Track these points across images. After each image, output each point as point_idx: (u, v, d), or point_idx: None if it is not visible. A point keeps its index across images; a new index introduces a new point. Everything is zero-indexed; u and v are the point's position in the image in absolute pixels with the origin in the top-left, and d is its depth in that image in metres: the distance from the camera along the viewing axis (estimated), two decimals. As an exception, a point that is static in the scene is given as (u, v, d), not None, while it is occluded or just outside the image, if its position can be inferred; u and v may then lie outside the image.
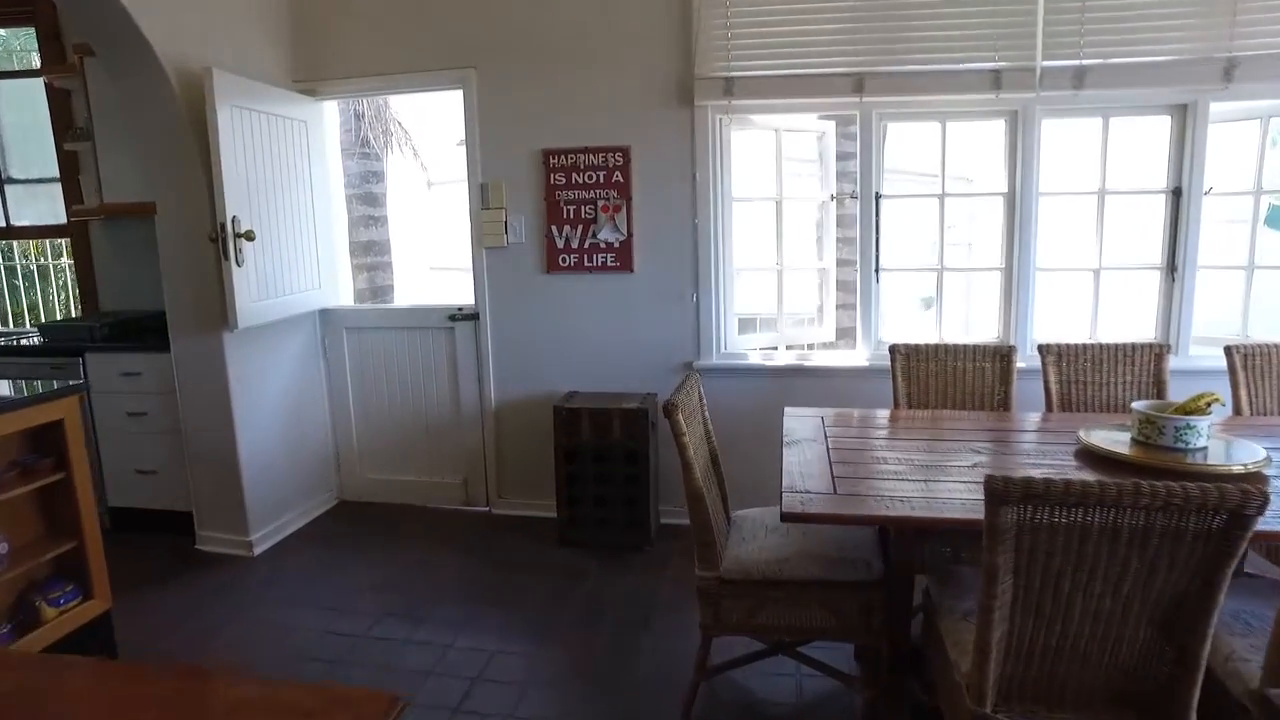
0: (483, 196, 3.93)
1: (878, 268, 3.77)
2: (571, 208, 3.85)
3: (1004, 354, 3.10)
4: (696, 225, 3.75)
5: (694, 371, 2.62)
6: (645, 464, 3.64)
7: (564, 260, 3.89)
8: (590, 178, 3.81)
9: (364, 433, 4.34)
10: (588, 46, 3.73)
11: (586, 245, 3.86)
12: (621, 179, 3.78)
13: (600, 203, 3.81)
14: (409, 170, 7.54)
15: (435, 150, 7.67)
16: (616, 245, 3.83)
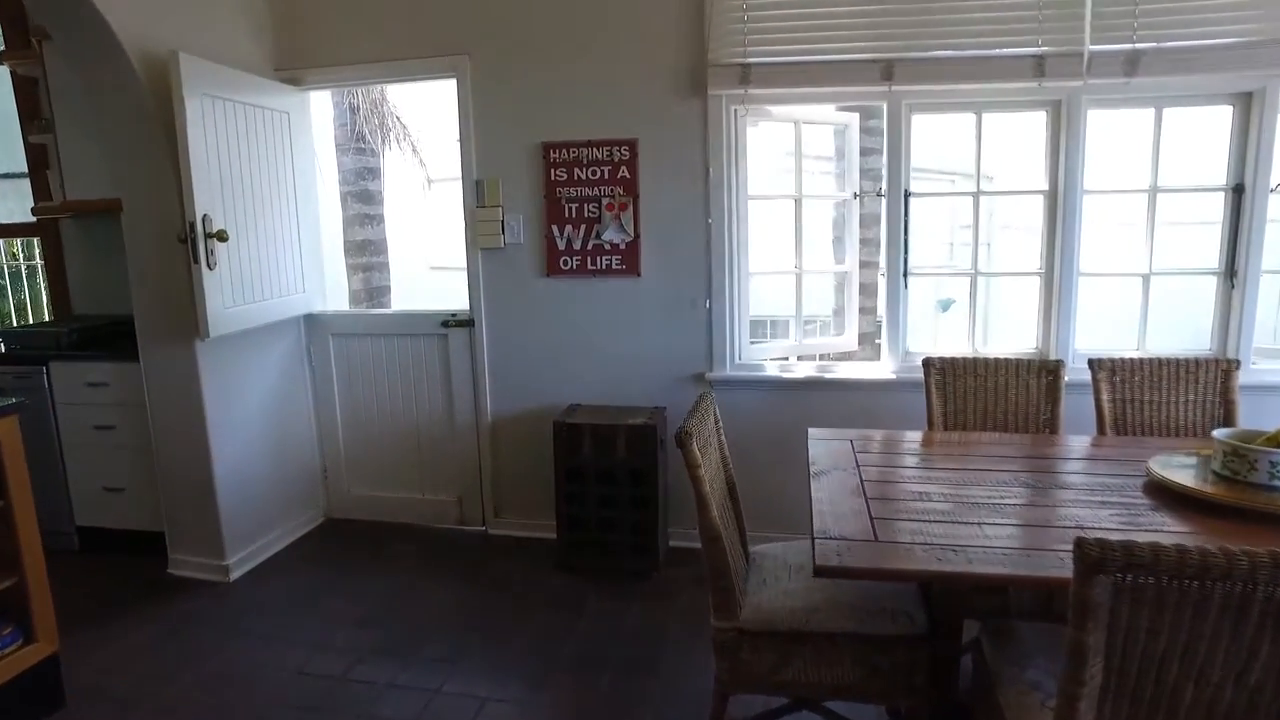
0: (478, 194, 3.63)
1: (906, 271, 3.47)
2: (574, 206, 3.56)
3: (1050, 369, 2.80)
4: (710, 225, 3.45)
5: (709, 391, 2.33)
6: (653, 484, 3.35)
7: (565, 263, 3.60)
8: (594, 173, 3.52)
9: (352, 447, 4.06)
10: (591, 30, 3.43)
11: (590, 247, 3.57)
12: (628, 175, 3.49)
13: (605, 201, 3.52)
14: (407, 167, 7.25)
15: (435, 147, 7.38)
16: (622, 247, 3.54)
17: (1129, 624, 1.27)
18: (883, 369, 3.53)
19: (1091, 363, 2.79)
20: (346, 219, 6.11)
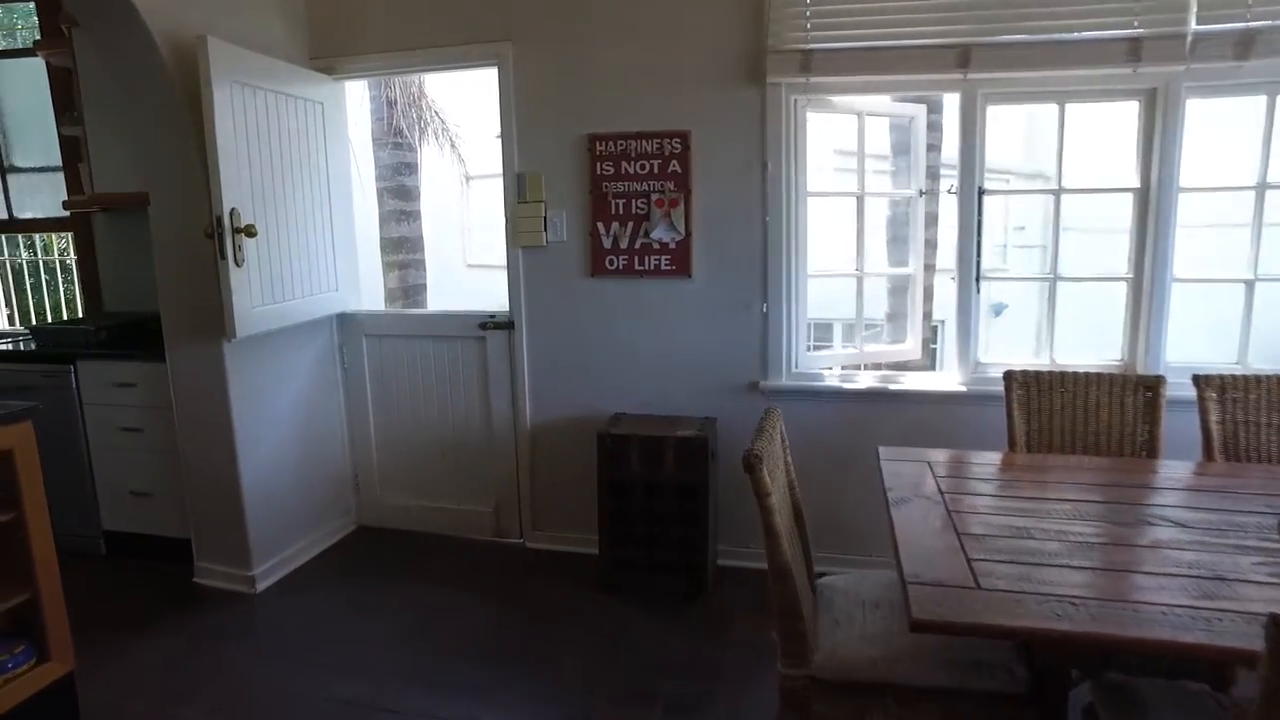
0: (519, 189, 3.44)
1: (978, 275, 3.20)
2: (621, 202, 3.34)
3: (1150, 385, 2.52)
4: (767, 223, 3.22)
5: (774, 407, 2.10)
6: (703, 501, 3.12)
7: (611, 262, 3.39)
8: (643, 167, 3.30)
9: (385, 452, 3.89)
10: (641, 15, 3.21)
11: (638, 245, 3.35)
12: (679, 169, 3.26)
13: (654, 196, 3.30)
14: (445, 163, 7.09)
15: (474, 142, 7.21)
16: (672, 246, 3.31)
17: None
18: (950, 380, 3.26)
19: (1197, 379, 2.50)
20: (382, 215, 5.97)
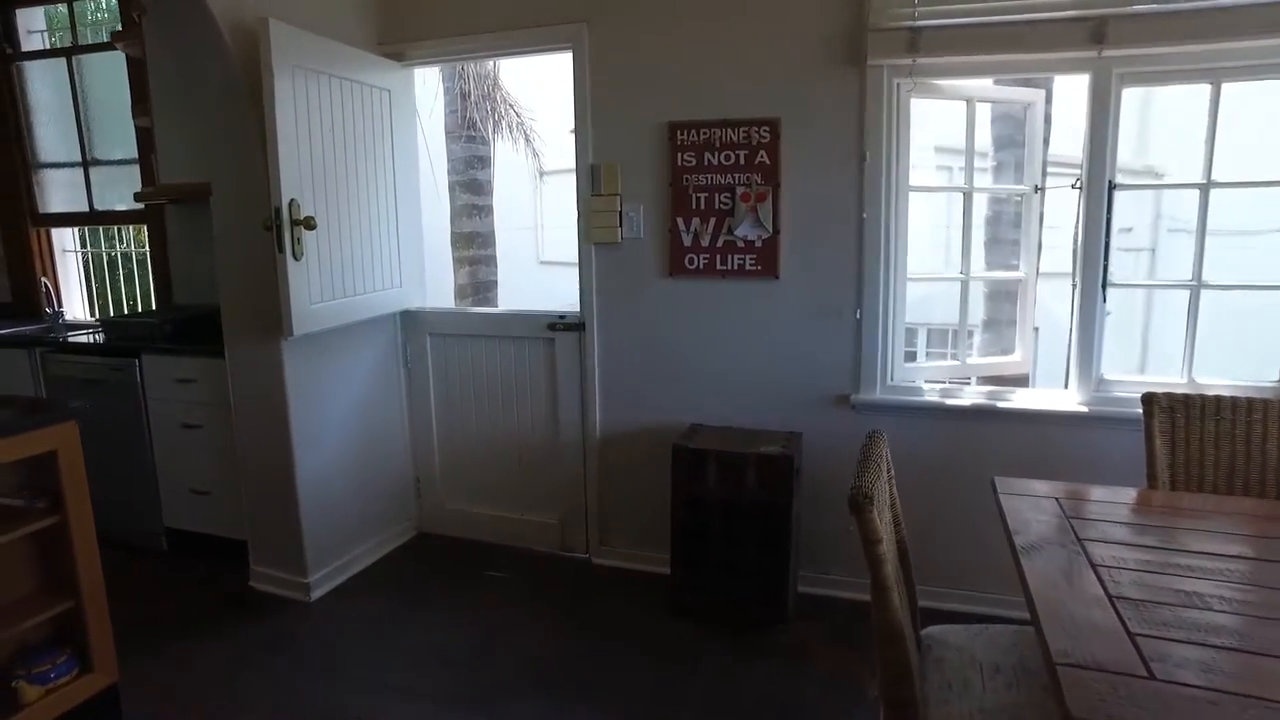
0: (593, 180, 3.21)
1: (1105, 282, 2.83)
2: (703, 196, 3.08)
3: (1327, 413, 2.13)
4: (864, 220, 2.91)
5: (879, 432, 1.81)
6: (785, 524, 2.84)
7: (691, 261, 3.13)
8: (727, 158, 3.03)
9: (448, 457, 3.72)
10: (730, -9, 2.96)
11: (720, 243, 3.08)
12: (767, 160, 2.98)
13: (739, 190, 3.03)
14: (519, 157, 6.96)
15: (549, 137, 7.06)
16: (758, 244, 3.04)
17: None
18: (1069, 399, 2.90)
19: (1389, 409, 2.10)
20: (454, 209, 5.85)
